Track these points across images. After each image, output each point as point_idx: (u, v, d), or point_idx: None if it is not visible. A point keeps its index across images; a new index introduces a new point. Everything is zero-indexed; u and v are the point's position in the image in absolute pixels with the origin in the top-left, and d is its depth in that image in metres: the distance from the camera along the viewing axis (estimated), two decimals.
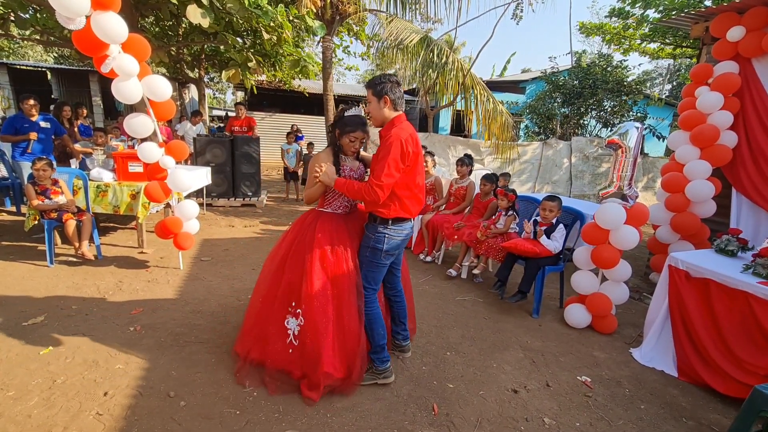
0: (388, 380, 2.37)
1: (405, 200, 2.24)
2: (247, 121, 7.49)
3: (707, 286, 2.62)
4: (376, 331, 2.34)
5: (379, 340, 2.35)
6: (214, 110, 20.13)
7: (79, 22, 2.71)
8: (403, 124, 2.20)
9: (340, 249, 2.31)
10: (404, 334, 2.64)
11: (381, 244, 2.26)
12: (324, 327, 2.21)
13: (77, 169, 4.50)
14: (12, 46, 18.39)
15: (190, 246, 3.86)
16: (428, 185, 5.17)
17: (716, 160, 3.60)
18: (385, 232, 2.25)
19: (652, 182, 9.84)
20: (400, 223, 2.27)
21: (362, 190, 2.15)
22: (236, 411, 2.09)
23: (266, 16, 4.86)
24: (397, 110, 2.22)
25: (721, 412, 2.36)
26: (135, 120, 3.25)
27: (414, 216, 2.34)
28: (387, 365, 2.39)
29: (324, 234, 2.31)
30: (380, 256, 2.28)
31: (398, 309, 2.59)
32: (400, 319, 2.61)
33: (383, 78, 2.19)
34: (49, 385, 2.19)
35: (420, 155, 2.28)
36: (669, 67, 22.25)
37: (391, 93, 2.16)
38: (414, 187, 2.27)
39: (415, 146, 2.19)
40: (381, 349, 2.36)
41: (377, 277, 2.35)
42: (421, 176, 2.33)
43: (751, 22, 3.43)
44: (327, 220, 2.38)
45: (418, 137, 2.28)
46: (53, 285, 3.43)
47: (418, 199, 2.33)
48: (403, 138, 2.11)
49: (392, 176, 2.11)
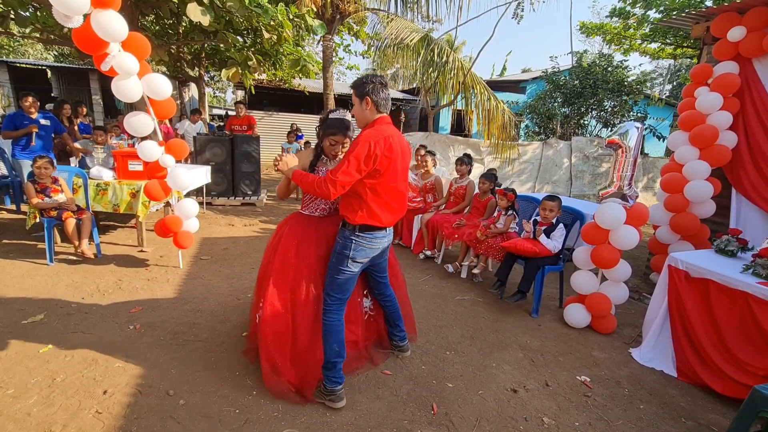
0: (335, 404, 2.13)
1: (374, 207, 2.09)
2: (247, 120, 7.48)
3: (707, 286, 2.62)
4: (329, 344, 2.15)
5: (331, 356, 2.14)
6: (214, 109, 20.12)
7: (77, 21, 2.71)
8: (381, 126, 2.09)
9: (305, 249, 2.27)
10: (400, 335, 2.61)
11: (348, 250, 2.13)
12: (278, 326, 2.20)
13: (77, 168, 4.50)
14: (12, 44, 18.38)
15: (189, 245, 3.86)
16: (428, 185, 5.17)
17: (715, 160, 3.60)
18: (352, 239, 2.13)
19: (652, 182, 9.84)
20: (370, 231, 2.13)
21: (314, 183, 2.04)
22: (235, 410, 2.09)
23: (266, 14, 4.85)
24: (380, 112, 2.12)
25: (720, 412, 2.36)
26: (135, 118, 3.24)
27: (387, 225, 2.18)
28: (336, 387, 2.14)
29: (292, 234, 2.33)
30: (346, 263, 2.14)
31: (389, 312, 2.56)
32: (395, 322, 2.58)
33: (367, 79, 2.10)
34: (49, 383, 2.19)
35: (401, 161, 2.14)
36: (669, 68, 22.25)
37: (374, 94, 2.07)
38: (386, 194, 2.11)
39: (389, 150, 2.02)
40: (332, 367, 2.14)
41: (342, 286, 2.17)
42: (400, 183, 2.18)
43: (751, 22, 3.42)
44: (299, 221, 2.39)
45: (403, 142, 2.18)
46: (53, 283, 3.43)
47: (392, 208, 2.17)
48: (374, 140, 1.98)
49: (349, 175, 1.97)
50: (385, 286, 2.50)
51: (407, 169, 2.26)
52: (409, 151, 2.27)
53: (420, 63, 7.45)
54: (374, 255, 2.22)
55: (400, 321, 2.59)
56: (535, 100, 11.27)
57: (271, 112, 13.79)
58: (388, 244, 2.31)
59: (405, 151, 2.20)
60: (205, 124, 8.49)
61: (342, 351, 2.18)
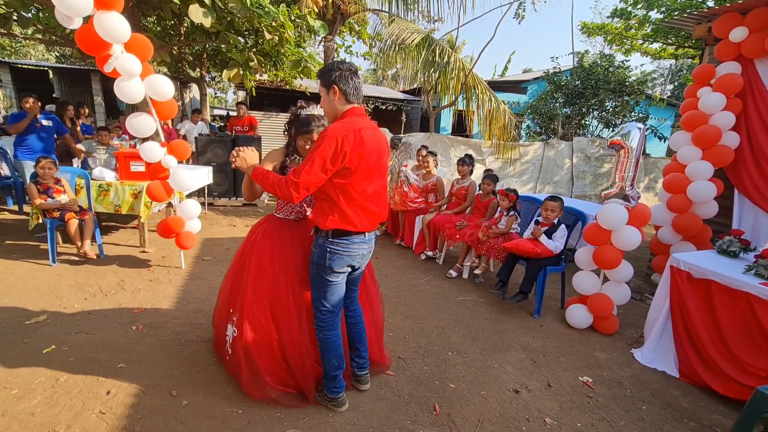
0: (339, 409, 2.13)
1: (347, 210, 1.88)
2: (249, 120, 7.50)
3: (709, 287, 2.62)
4: (328, 360, 2.08)
5: (331, 370, 2.09)
6: (215, 109, 20.15)
7: (77, 22, 2.71)
8: (352, 119, 1.88)
9: (280, 257, 2.14)
10: (359, 361, 2.28)
11: (323, 259, 1.94)
12: (258, 336, 2.09)
13: (79, 168, 4.52)
14: (14, 45, 18.43)
15: (191, 245, 3.87)
16: (430, 185, 5.18)
17: (718, 160, 3.60)
18: (326, 246, 1.93)
19: (653, 183, 9.82)
20: (344, 237, 1.92)
21: (276, 184, 1.86)
22: (238, 410, 2.09)
23: (268, 15, 4.85)
24: (350, 102, 1.91)
25: (723, 413, 2.36)
26: (137, 119, 3.25)
27: (363, 230, 1.95)
28: (337, 395, 2.13)
29: (266, 239, 2.20)
30: (326, 273, 1.96)
31: (352, 332, 2.26)
32: (355, 344, 2.26)
33: (333, 66, 1.90)
34: (52, 383, 2.20)
35: (377, 156, 1.93)
36: (671, 68, 22.21)
37: (342, 82, 1.86)
38: (360, 196, 1.89)
39: (359, 146, 1.81)
40: (333, 379, 2.11)
41: (329, 298, 2.02)
42: (378, 183, 1.98)
43: (754, 23, 3.42)
44: (273, 226, 2.25)
45: (378, 135, 1.96)
46: (56, 284, 3.44)
47: (368, 211, 1.95)
48: (342, 134, 1.77)
49: (314, 175, 1.78)
50: (351, 301, 2.23)
51: (385, 166, 2.04)
52: (385, 145, 2.04)
53: (421, 63, 7.45)
54: (354, 262, 2.01)
55: (361, 345, 2.27)
56: (536, 100, 11.25)
57: (272, 113, 13.79)
58: (369, 251, 2.08)
59: (381, 146, 1.97)
60: (206, 125, 8.50)
61: (341, 363, 2.12)
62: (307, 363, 2.17)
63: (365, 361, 2.31)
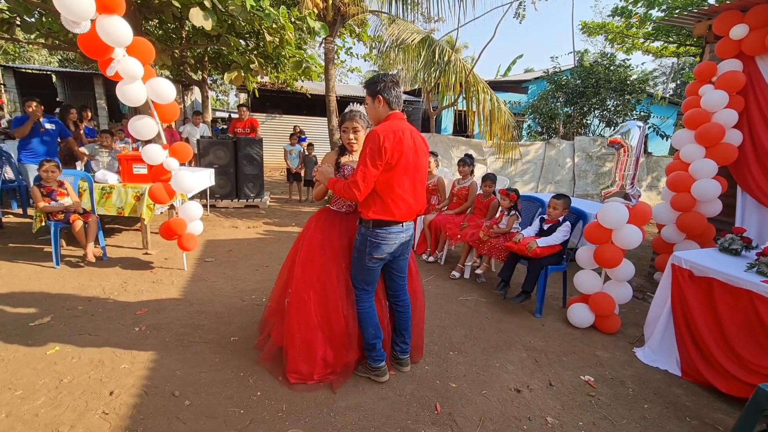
0: (380, 378, 2.38)
1: (388, 201, 2.13)
2: (250, 122, 7.52)
3: (710, 285, 2.61)
4: (365, 329, 2.34)
5: (369, 338, 2.34)
6: (217, 112, 20.22)
7: (84, 26, 2.74)
8: (392, 121, 2.16)
9: (329, 244, 2.36)
10: (402, 346, 2.52)
11: (364, 246, 2.21)
12: (302, 312, 2.30)
13: (82, 171, 4.54)
14: (17, 49, 18.56)
15: (194, 247, 3.88)
16: (431, 186, 5.18)
17: (722, 158, 3.59)
18: (367, 234, 2.19)
19: (656, 181, 9.79)
20: (384, 227, 2.17)
21: (344, 189, 2.14)
22: (240, 410, 2.11)
23: (268, 18, 4.88)
24: (392, 109, 2.20)
25: (725, 411, 2.35)
26: (140, 122, 3.27)
27: (401, 220, 2.21)
28: (379, 364, 2.38)
29: (318, 228, 2.43)
30: (365, 259, 2.23)
31: (399, 319, 2.50)
32: (401, 330, 2.51)
33: (379, 78, 2.19)
34: (56, 384, 2.21)
35: (414, 155, 2.17)
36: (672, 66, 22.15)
37: (386, 92, 2.16)
38: (399, 188, 2.14)
39: (398, 143, 2.07)
40: (372, 348, 2.36)
41: (366, 279, 2.30)
42: (415, 179, 2.22)
43: (754, 20, 3.41)
44: (326, 217, 2.48)
45: (416, 137, 2.21)
46: (59, 286, 3.47)
47: (407, 203, 2.19)
48: (383, 133, 2.04)
49: (368, 173, 2.05)
50: (401, 288, 2.48)
51: (423, 165, 2.28)
52: (424, 147, 2.29)
53: (421, 64, 7.46)
54: (393, 250, 2.25)
55: (406, 332, 2.51)
56: (537, 100, 11.25)
57: (273, 115, 13.84)
58: (407, 240, 2.31)
59: (419, 146, 2.22)
60: (208, 127, 8.54)
61: (378, 332, 2.35)
62: (352, 340, 2.34)
63: (407, 347, 2.56)
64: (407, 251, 2.39)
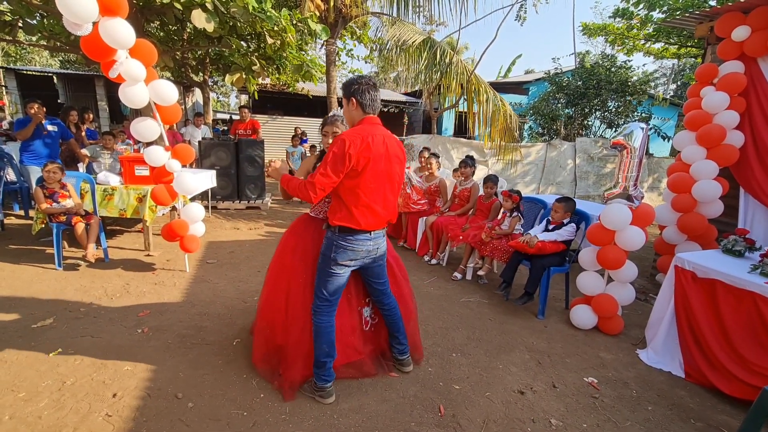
0: (325, 400, 2.19)
1: (353, 209, 2.04)
2: (251, 124, 7.53)
3: (714, 286, 2.61)
4: (318, 345, 2.18)
5: (320, 355, 2.18)
6: (218, 113, 20.26)
7: (86, 28, 2.74)
8: (365, 126, 2.07)
9: (302, 249, 2.35)
10: (399, 347, 2.49)
11: (329, 251, 2.12)
12: (270, 318, 2.34)
13: (85, 173, 4.55)
14: (19, 51, 18.61)
15: (196, 249, 3.88)
16: (433, 187, 5.18)
17: (723, 160, 3.59)
18: (333, 239, 2.11)
19: (657, 182, 9.78)
20: (350, 234, 2.08)
21: (298, 187, 2.04)
22: (243, 412, 2.10)
23: (270, 20, 4.89)
24: (366, 112, 2.11)
25: (730, 413, 2.34)
26: (142, 124, 3.28)
27: (367, 229, 2.09)
28: (326, 384, 2.20)
29: (293, 232, 2.46)
30: (330, 264, 2.12)
31: (389, 322, 2.46)
32: (393, 332, 2.47)
33: (354, 80, 2.11)
34: (59, 386, 2.21)
35: (386, 162, 2.07)
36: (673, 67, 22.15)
37: (359, 95, 2.07)
38: (366, 196, 2.04)
39: (366, 150, 1.96)
40: (322, 365, 2.19)
41: (329, 287, 2.15)
42: (386, 187, 2.11)
43: (756, 22, 3.41)
44: (302, 223, 2.48)
45: (390, 143, 2.11)
46: (61, 288, 3.47)
47: (374, 212, 2.08)
48: (350, 139, 1.95)
49: (327, 176, 1.96)
50: (382, 294, 2.39)
51: (395, 172, 2.16)
52: (399, 153, 2.19)
53: (423, 65, 7.47)
54: (359, 258, 2.15)
55: (399, 333, 2.46)
56: (538, 101, 11.25)
57: (275, 116, 13.86)
58: (376, 248, 2.20)
59: (392, 153, 2.12)
60: (209, 129, 8.55)
61: (332, 351, 2.21)
62: (300, 351, 2.27)
63: (405, 347, 2.52)
64: (381, 259, 2.29)
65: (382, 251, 2.29)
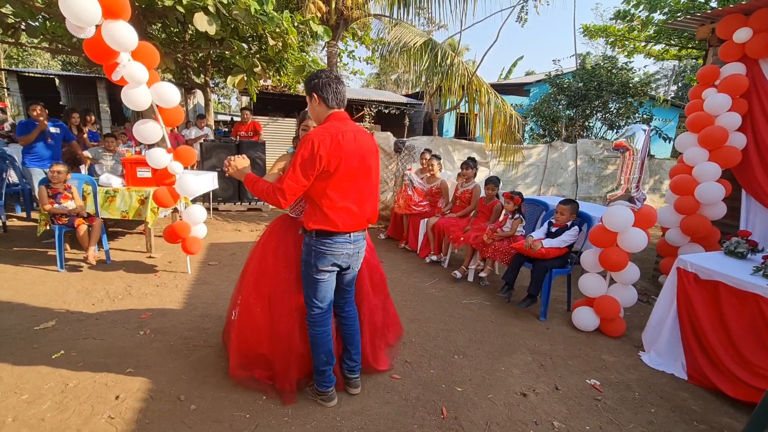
0: (327, 404, 2.19)
1: (327, 212, 1.94)
2: (253, 125, 7.54)
3: (716, 288, 2.60)
4: (317, 355, 2.15)
5: (320, 365, 2.15)
6: (219, 115, 20.29)
7: (89, 31, 2.75)
8: (332, 123, 1.95)
9: (284, 252, 2.27)
10: (350, 364, 2.28)
11: (309, 257, 2.03)
12: (253, 325, 2.24)
13: (87, 175, 4.56)
14: (21, 53, 18.67)
15: (197, 250, 3.89)
16: (434, 188, 5.18)
17: (725, 161, 3.58)
18: (311, 244, 2.01)
19: (659, 184, 9.76)
20: (327, 237, 1.98)
21: (265, 191, 1.93)
22: (246, 414, 2.10)
23: (272, 22, 4.90)
24: (330, 108, 1.99)
25: (733, 416, 2.33)
26: (144, 126, 3.29)
27: (346, 230, 1.99)
28: (327, 389, 2.19)
29: (272, 235, 2.36)
30: (312, 271, 2.04)
31: (344, 333, 2.29)
32: (346, 346, 2.29)
33: (314, 75, 1.99)
34: (62, 388, 2.21)
35: (359, 159, 1.96)
36: (674, 69, 22.16)
37: (321, 90, 1.95)
38: (341, 197, 1.94)
39: (336, 149, 1.85)
40: (322, 373, 2.17)
41: (317, 294, 2.08)
42: (361, 185, 2.01)
43: (757, 24, 3.41)
44: (283, 224, 2.39)
45: (361, 138, 1.99)
46: (64, 289, 3.47)
47: (350, 212, 1.98)
48: (318, 139, 1.83)
49: (297, 181, 1.86)
50: (345, 301, 2.27)
51: (369, 168, 2.05)
52: (373, 148, 2.08)
53: (424, 67, 7.48)
54: (340, 261, 2.05)
55: (352, 347, 2.28)
56: (539, 102, 11.25)
57: (276, 118, 13.87)
58: (356, 252, 2.11)
59: (366, 149, 2.01)
60: (212, 131, 8.56)
61: (330, 359, 2.18)
62: (292, 357, 2.23)
63: (356, 365, 2.32)
64: (355, 263, 2.16)
65: (362, 257, 2.20)
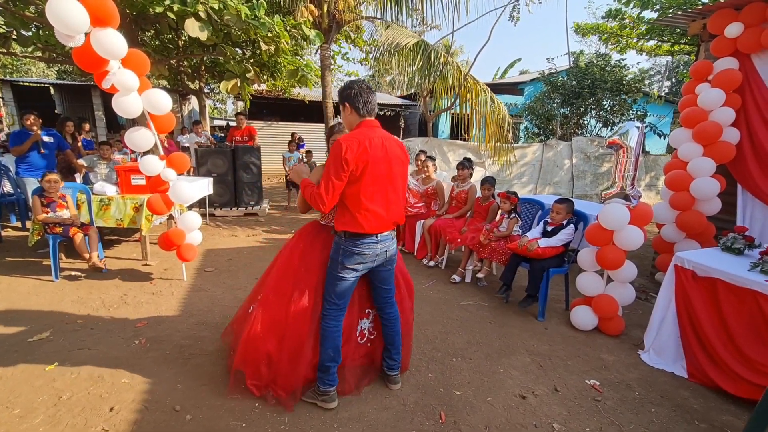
0: (327, 405, 2.19)
1: (356, 214, 2.05)
2: (248, 130, 7.53)
3: (714, 285, 2.59)
4: (324, 348, 2.18)
5: (325, 359, 2.18)
6: (214, 120, 20.26)
7: (79, 40, 2.73)
8: (362, 129, 2.08)
9: (310, 256, 2.32)
10: (390, 363, 2.40)
11: (337, 254, 2.14)
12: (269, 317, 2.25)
13: (81, 184, 4.53)
14: (15, 63, 18.60)
15: (193, 257, 3.86)
16: (429, 190, 5.17)
17: (719, 157, 3.58)
18: (340, 243, 2.13)
19: (654, 180, 9.79)
20: (356, 238, 2.09)
21: (312, 195, 2.04)
22: (242, 423, 2.08)
23: (263, 26, 4.89)
24: (362, 116, 2.13)
25: (734, 413, 2.32)
26: (136, 134, 3.27)
27: (371, 232, 2.09)
28: (329, 388, 2.20)
29: (301, 238, 2.42)
30: (338, 268, 2.13)
31: (387, 333, 2.39)
32: (387, 345, 2.40)
33: (347, 85, 2.14)
34: (55, 401, 2.18)
35: (386, 164, 2.07)
36: (667, 64, 22.25)
37: (353, 100, 2.10)
38: (368, 200, 2.04)
39: (363, 153, 1.97)
40: (326, 369, 2.19)
41: (338, 291, 2.16)
42: (388, 189, 2.11)
43: (748, 18, 3.42)
44: (311, 229, 2.45)
45: (390, 145, 2.11)
46: (58, 299, 3.44)
47: (377, 215, 2.08)
48: (346, 144, 1.97)
49: (331, 183, 1.98)
50: (386, 302, 2.36)
51: (397, 174, 2.16)
52: (400, 154, 2.19)
53: (417, 67, 7.47)
54: (366, 261, 2.15)
55: (393, 347, 2.39)
56: (533, 101, 11.27)
57: (271, 122, 13.86)
58: (384, 251, 2.19)
59: (393, 155, 2.12)
60: (207, 138, 8.55)
61: (337, 356, 2.20)
62: (299, 360, 2.21)
63: (396, 363, 2.42)
64: (389, 263, 2.27)
65: (391, 254, 2.27)
